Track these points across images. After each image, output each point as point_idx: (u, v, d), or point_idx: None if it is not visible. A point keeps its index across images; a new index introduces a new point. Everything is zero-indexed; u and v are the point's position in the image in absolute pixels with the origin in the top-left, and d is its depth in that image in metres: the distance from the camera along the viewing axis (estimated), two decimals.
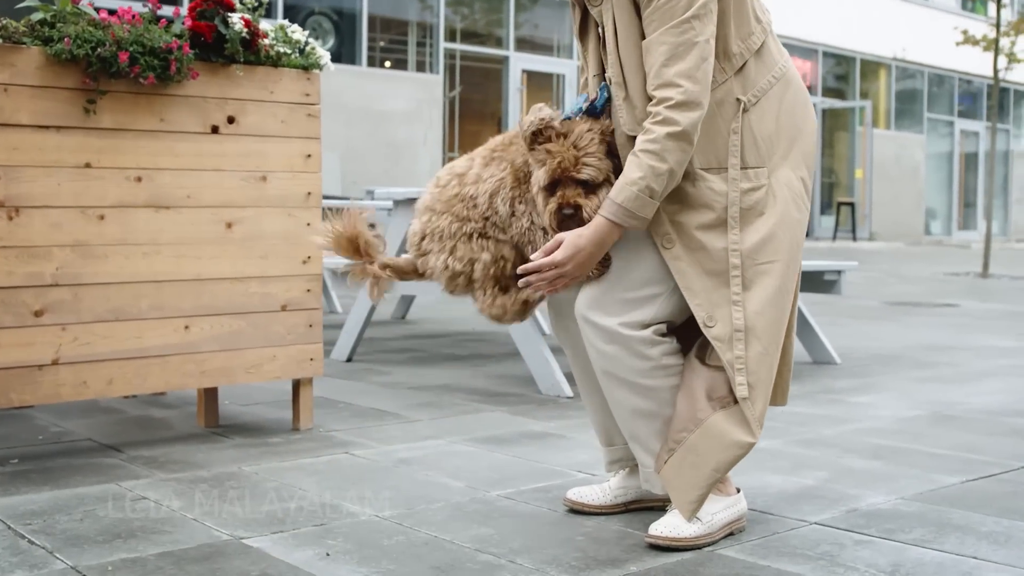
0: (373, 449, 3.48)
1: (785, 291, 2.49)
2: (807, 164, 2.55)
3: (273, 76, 3.60)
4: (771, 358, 2.47)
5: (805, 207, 2.53)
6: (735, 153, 2.45)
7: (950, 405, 4.43)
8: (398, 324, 7.56)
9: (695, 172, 2.46)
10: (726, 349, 2.44)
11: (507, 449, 3.50)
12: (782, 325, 2.50)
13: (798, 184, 2.52)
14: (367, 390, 4.65)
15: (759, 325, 2.44)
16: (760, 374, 2.45)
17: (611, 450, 2.79)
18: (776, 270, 2.47)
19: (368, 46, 16.10)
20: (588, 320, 2.50)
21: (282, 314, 3.65)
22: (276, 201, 3.62)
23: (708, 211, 2.46)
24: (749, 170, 2.46)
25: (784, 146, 2.50)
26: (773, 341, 2.47)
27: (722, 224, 2.45)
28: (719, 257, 2.45)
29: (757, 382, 2.45)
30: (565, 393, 4.53)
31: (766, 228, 2.45)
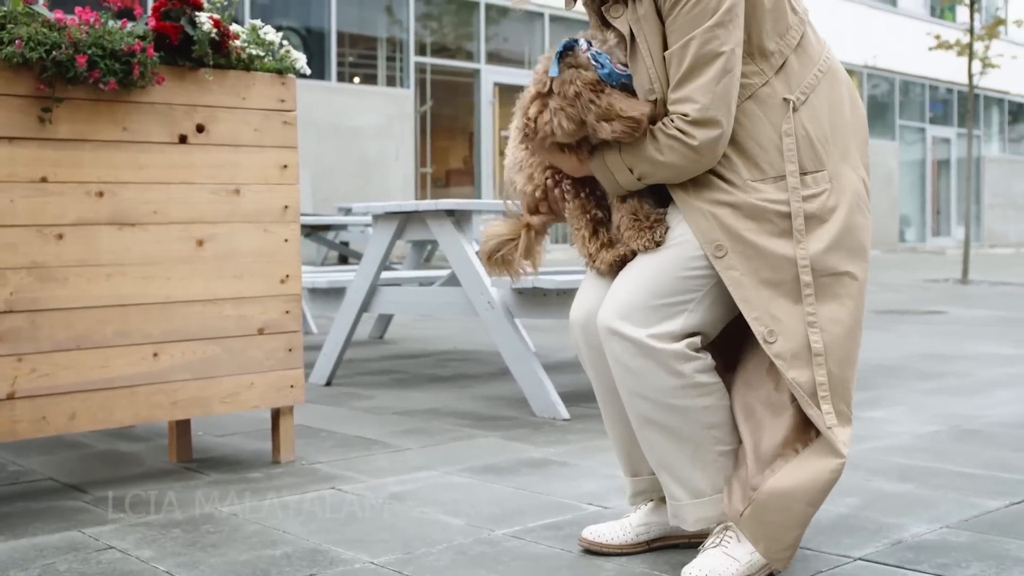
0: (361, 483, 3.20)
1: (859, 304, 2.26)
2: (864, 162, 2.32)
3: (245, 81, 3.32)
4: (851, 376, 2.26)
5: (869, 210, 2.29)
6: (792, 159, 2.20)
7: (968, 419, 4.19)
8: (376, 344, 7.28)
9: (747, 185, 2.21)
10: (788, 367, 2.19)
11: (507, 480, 3.23)
12: (858, 340, 2.27)
13: (860, 185, 2.30)
14: (350, 416, 4.37)
15: (837, 345, 2.22)
16: (845, 397, 2.23)
17: (636, 481, 2.52)
18: (845, 282, 2.24)
19: (337, 61, 15.83)
20: (614, 332, 2.24)
21: (259, 338, 3.36)
22: (251, 216, 3.34)
23: (765, 221, 2.21)
24: (808, 176, 2.22)
25: (840, 144, 2.27)
26: (851, 359, 2.24)
27: (781, 233, 2.21)
28: (779, 266, 2.20)
29: (841, 406, 2.22)
30: (562, 415, 4.27)
31: (829, 236, 2.22)
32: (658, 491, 2.50)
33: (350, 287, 5.25)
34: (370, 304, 5.23)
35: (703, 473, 2.29)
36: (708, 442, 2.27)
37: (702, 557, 2.25)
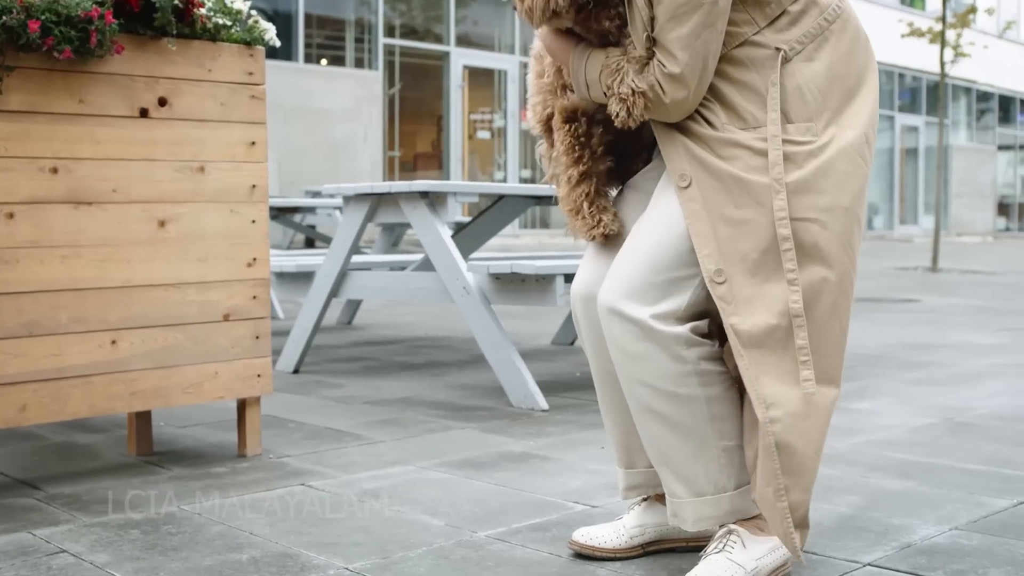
0: (333, 479, 3.02)
1: (842, 262, 2.07)
2: (869, 118, 2.12)
3: (211, 52, 3.13)
4: (837, 339, 2.09)
5: (862, 162, 2.09)
6: (774, 107, 2.03)
7: (959, 411, 4.06)
8: (344, 330, 7.09)
9: (724, 128, 2.06)
10: (731, 313, 2.02)
11: (486, 475, 3.06)
12: (847, 300, 2.10)
13: (857, 138, 2.09)
14: (319, 406, 4.18)
15: (817, 305, 2.05)
16: (830, 356, 2.08)
17: (630, 474, 2.35)
18: (821, 234, 2.04)
19: (305, 42, 15.56)
20: (616, 312, 2.07)
21: (225, 325, 3.17)
22: (216, 195, 3.15)
23: (736, 158, 2.05)
24: (791, 125, 2.04)
25: (838, 98, 2.09)
26: (833, 323, 2.07)
27: (751, 170, 2.03)
28: (744, 203, 2.02)
29: (824, 365, 2.07)
30: (540, 406, 4.10)
31: (804, 180, 2.03)
32: (654, 486, 2.34)
33: (319, 271, 5.06)
34: (340, 289, 5.05)
35: (705, 470, 2.12)
36: (712, 436, 2.10)
37: (704, 564, 2.09)
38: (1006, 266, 16.93)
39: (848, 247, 2.06)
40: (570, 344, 6.21)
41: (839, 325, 2.07)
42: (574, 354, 5.80)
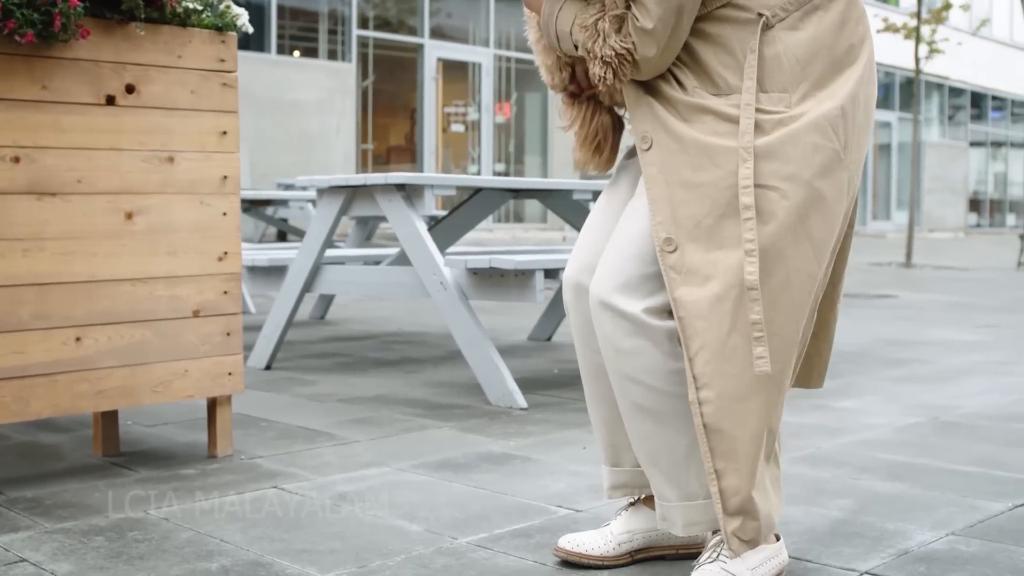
0: (307, 481, 2.91)
1: (804, 236, 1.95)
2: (851, 92, 1.99)
3: (181, 37, 3.01)
4: (787, 318, 1.96)
5: (834, 136, 1.95)
6: (751, 75, 1.93)
7: (945, 409, 3.99)
8: (317, 325, 6.97)
9: (694, 91, 1.97)
10: (678, 284, 1.92)
11: (466, 477, 2.96)
12: (800, 277, 1.97)
13: (831, 111, 1.96)
14: (292, 404, 4.07)
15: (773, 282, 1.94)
16: (780, 336, 1.97)
17: (616, 472, 2.26)
18: (780, 204, 1.92)
19: (278, 34, 15.39)
20: (607, 306, 1.98)
21: (194, 321, 3.06)
22: (186, 186, 3.03)
23: (700, 122, 1.95)
24: (764, 95, 1.94)
25: (821, 70, 1.97)
26: (787, 293, 1.95)
27: (715, 134, 1.94)
28: (702, 166, 1.93)
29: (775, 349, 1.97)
30: (519, 404, 4.00)
31: (768, 145, 1.93)
32: (640, 487, 2.25)
33: (292, 266, 4.94)
34: (313, 284, 4.93)
35: (697, 472, 2.03)
36: None
37: (698, 573, 2.00)
38: (979, 262, 16.97)
39: (805, 220, 1.93)
40: (547, 340, 6.12)
41: (790, 302, 1.95)
42: (552, 350, 5.71)
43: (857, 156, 2.02)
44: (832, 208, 1.97)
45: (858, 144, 2.02)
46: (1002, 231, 31.66)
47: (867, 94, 2.04)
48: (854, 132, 1.99)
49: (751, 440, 1.95)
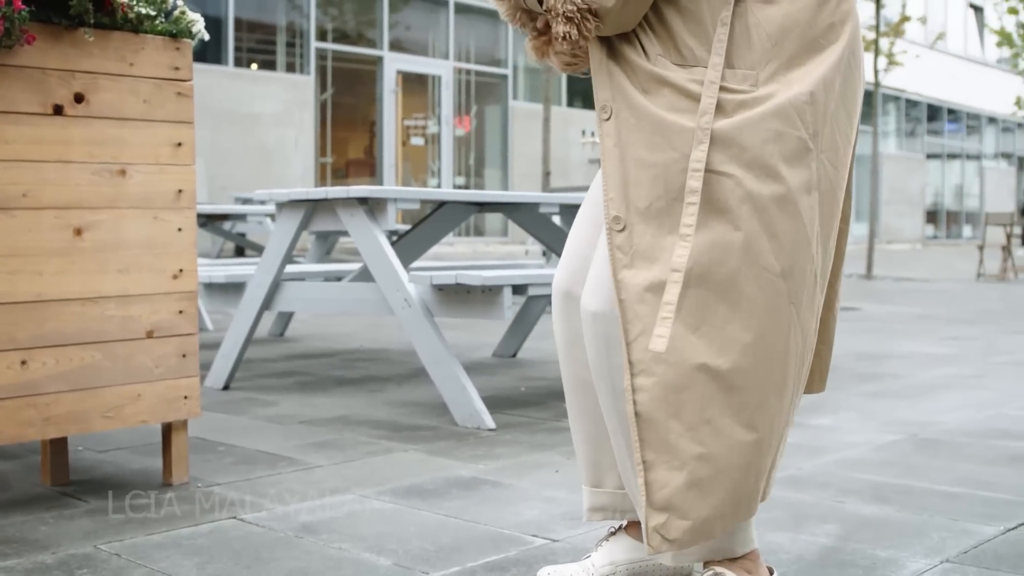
0: (267, 511, 2.77)
1: (752, 228, 1.81)
2: (824, 77, 1.85)
3: (133, 44, 2.86)
4: (736, 313, 1.82)
5: (800, 124, 1.82)
6: (719, 51, 1.80)
7: (923, 426, 3.90)
8: (276, 342, 6.81)
9: (657, 59, 1.84)
10: (624, 265, 1.82)
11: (435, 505, 2.82)
12: (754, 271, 1.83)
13: (799, 96, 1.82)
14: (251, 427, 3.92)
15: (707, 272, 1.81)
16: (728, 331, 1.82)
17: (596, 493, 2.13)
18: (734, 192, 1.80)
19: (235, 45, 15.20)
20: (602, 317, 1.87)
21: (148, 342, 2.91)
22: (138, 201, 2.88)
23: (660, 95, 1.83)
24: (729, 71, 1.82)
25: (793, 49, 1.84)
26: (736, 287, 1.81)
27: (674, 110, 1.81)
28: (658, 146, 1.81)
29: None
30: (487, 424, 3.87)
31: (728, 130, 1.80)
32: (622, 511, 2.12)
33: (251, 282, 4.79)
34: (273, 301, 4.78)
35: None
36: None
37: None
38: (937, 273, 17.05)
39: (762, 212, 1.80)
40: (512, 356, 6.00)
41: (742, 297, 1.81)
42: (518, 367, 5.58)
43: (831, 144, 1.88)
44: (797, 201, 1.82)
45: (832, 133, 1.87)
46: (959, 242, 31.91)
47: (847, 79, 1.90)
48: (827, 120, 1.86)
49: (686, 432, 1.81)
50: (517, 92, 19.48)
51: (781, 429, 1.91)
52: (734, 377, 1.82)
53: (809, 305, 1.89)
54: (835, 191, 1.91)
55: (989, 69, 33.33)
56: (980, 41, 33.22)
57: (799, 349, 1.89)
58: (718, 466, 1.82)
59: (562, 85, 19.94)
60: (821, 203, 1.87)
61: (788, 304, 1.84)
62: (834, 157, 1.89)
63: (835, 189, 1.90)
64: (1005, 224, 16.25)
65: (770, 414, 1.86)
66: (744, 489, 1.85)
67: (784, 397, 1.88)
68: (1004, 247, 16.35)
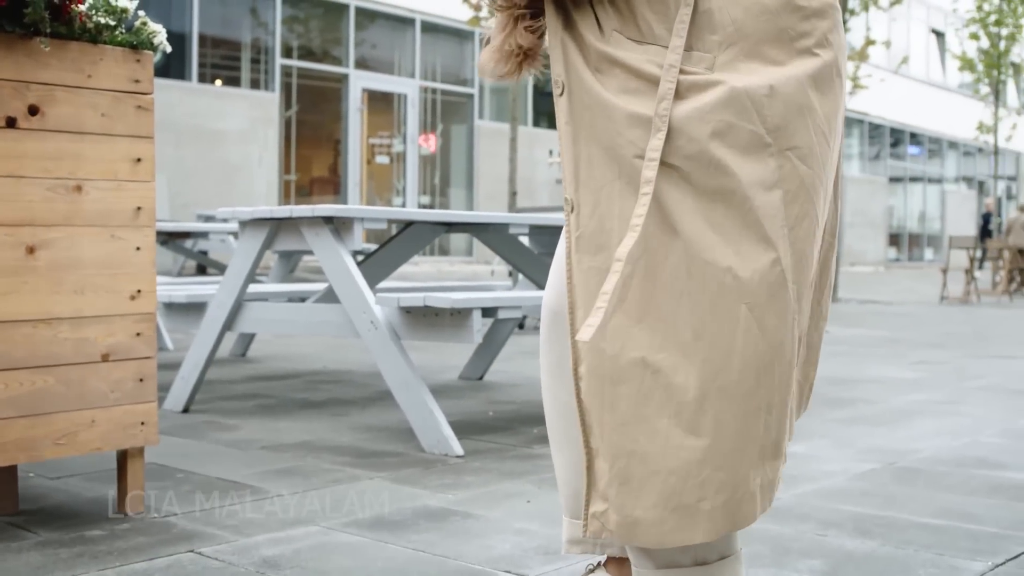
0: (227, 543, 2.64)
1: (696, 226, 1.70)
2: (792, 76, 1.72)
3: (91, 55, 2.75)
4: (677, 316, 1.71)
5: (756, 118, 1.69)
6: (680, 32, 1.69)
7: (900, 455, 3.83)
8: (238, 363, 6.67)
9: (611, 35, 1.74)
10: (580, 251, 1.73)
11: (402, 537, 2.71)
12: (717, 272, 1.70)
13: (756, 87, 1.69)
14: (211, 452, 3.79)
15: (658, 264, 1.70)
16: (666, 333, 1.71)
17: (576, 526, 2.01)
18: (678, 186, 1.69)
19: (199, 62, 15.05)
20: (559, 315, 1.78)
21: (103, 366, 2.79)
22: (95, 218, 2.76)
23: (612, 75, 1.73)
24: (684, 52, 1.71)
25: (759, 36, 1.72)
26: (676, 289, 1.70)
27: (625, 91, 1.71)
28: (607, 130, 1.71)
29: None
30: (455, 451, 3.76)
31: (677, 118, 1.69)
32: (601, 545, 2.02)
33: (212, 302, 4.66)
34: (235, 322, 4.65)
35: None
36: None
37: None
38: (901, 296, 17.10)
39: (708, 206, 1.68)
40: (479, 379, 5.89)
41: (685, 291, 1.69)
42: (485, 390, 5.48)
43: (804, 142, 1.72)
44: (749, 197, 1.69)
45: (806, 131, 1.72)
46: (920, 265, 32.12)
47: (825, 80, 1.77)
48: (796, 116, 1.71)
49: (622, 427, 1.71)
50: (483, 111, 19.43)
51: (751, 444, 1.73)
52: (674, 375, 1.69)
53: (776, 310, 1.72)
54: (809, 192, 1.74)
55: (951, 94, 33.65)
56: (942, 66, 33.54)
57: (760, 354, 1.72)
58: (650, 467, 1.70)
59: (528, 105, 19.91)
60: (788, 202, 1.72)
61: (737, 303, 1.69)
62: (807, 156, 1.73)
63: (808, 189, 1.74)
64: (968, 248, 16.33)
65: (722, 421, 1.70)
66: (687, 499, 1.70)
67: (748, 406, 1.71)
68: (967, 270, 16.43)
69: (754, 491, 1.75)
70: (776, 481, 1.80)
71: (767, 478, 1.76)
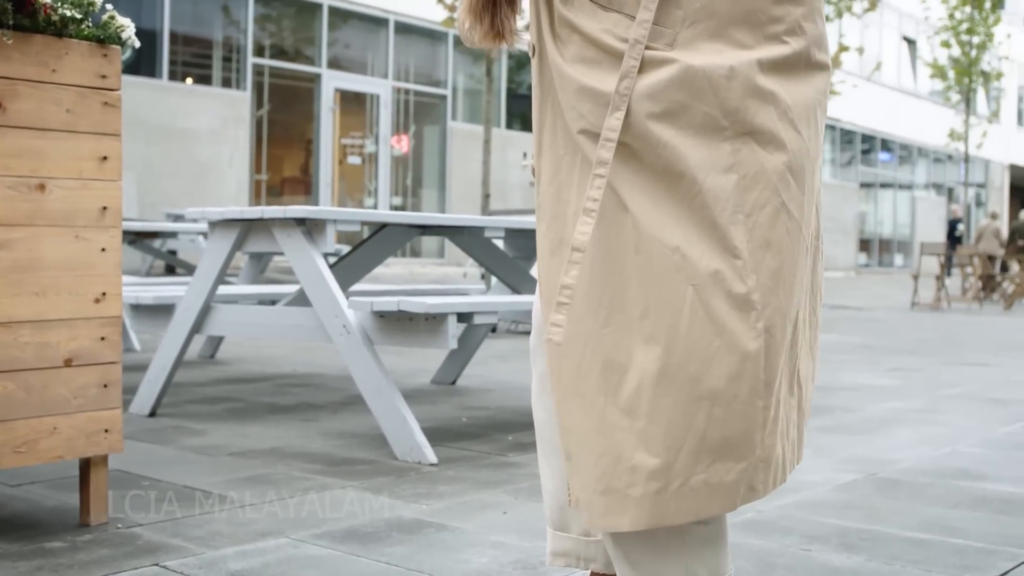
0: (194, 556, 2.55)
1: (645, 209, 1.62)
2: (764, 60, 1.64)
3: (56, 49, 2.65)
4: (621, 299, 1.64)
5: (714, 100, 1.60)
6: (649, 6, 1.60)
7: (881, 464, 3.78)
8: (207, 365, 6.55)
9: (577, 2, 1.66)
10: (544, 221, 1.70)
11: (375, 550, 2.62)
12: (669, 253, 1.61)
13: (715, 67, 1.61)
14: (178, 459, 3.69)
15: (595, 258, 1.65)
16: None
17: (560, 537, 1.95)
18: (626, 164, 1.63)
19: (170, 59, 14.89)
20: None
21: (66, 371, 2.69)
22: (58, 218, 2.66)
23: (569, 42, 1.67)
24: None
25: (724, 16, 1.63)
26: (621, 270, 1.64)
27: (579, 60, 1.65)
28: (566, 100, 1.65)
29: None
30: (428, 459, 3.68)
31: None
32: (586, 559, 1.95)
33: (180, 304, 4.56)
34: (203, 324, 4.55)
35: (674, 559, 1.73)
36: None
37: None
38: (872, 301, 17.12)
39: (653, 185, 1.61)
40: (452, 384, 5.80)
41: (633, 269, 1.61)
42: (458, 395, 5.39)
43: (762, 129, 1.62)
44: (698, 180, 1.60)
45: (771, 120, 1.62)
46: (890, 271, 32.27)
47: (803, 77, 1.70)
48: (760, 103, 1.62)
49: (561, 403, 1.68)
50: (456, 113, 19.34)
51: (691, 435, 1.61)
52: (615, 352, 1.63)
53: (727, 297, 1.61)
54: (772, 179, 1.63)
55: (922, 101, 33.82)
56: (913, 73, 33.71)
57: (706, 340, 1.60)
58: (585, 445, 1.65)
59: (502, 107, 19.84)
60: (744, 188, 1.62)
61: (684, 284, 1.60)
62: (768, 142, 1.63)
63: (772, 176, 1.63)
64: (939, 254, 16.38)
65: (660, 406, 1.60)
66: (616, 483, 1.62)
67: (689, 393, 1.60)
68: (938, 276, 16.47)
69: (695, 488, 1.62)
70: (736, 485, 1.64)
71: (718, 479, 1.62)
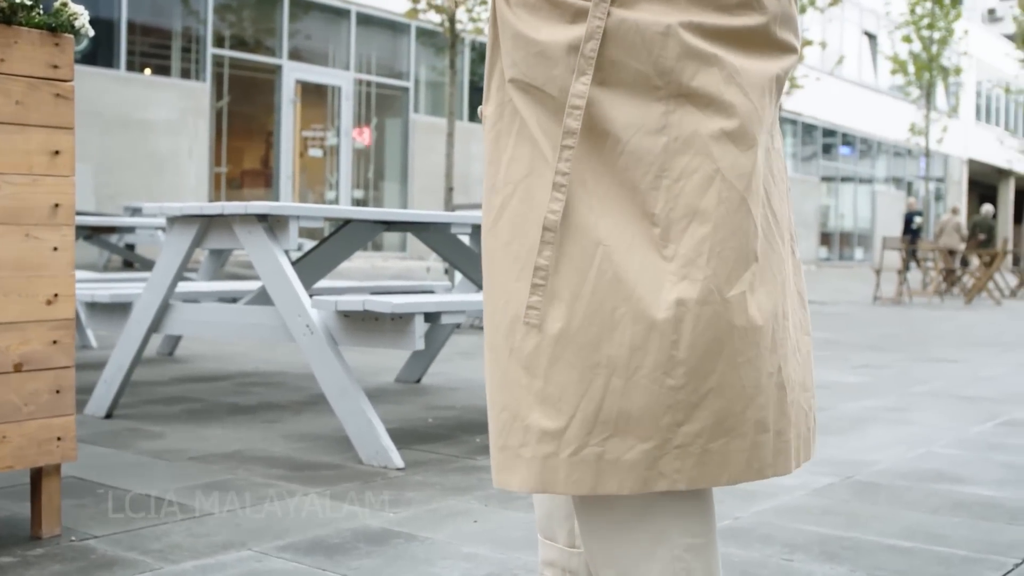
0: (151, 571, 2.43)
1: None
2: (701, 25, 1.51)
3: (4, 37, 2.52)
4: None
5: (645, 55, 1.49)
6: None
7: (856, 467, 3.71)
8: (165, 363, 6.41)
9: None
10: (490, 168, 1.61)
11: (342, 564, 2.51)
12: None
13: (652, 24, 1.49)
14: (135, 464, 3.56)
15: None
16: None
17: (548, 546, 1.85)
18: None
19: (128, 49, 14.65)
20: None
21: (15, 377, 2.56)
22: (7, 216, 2.53)
23: (522, 6, 1.56)
24: None
25: None
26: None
27: (540, 25, 1.54)
28: (525, 60, 1.55)
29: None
30: (395, 463, 3.57)
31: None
32: (572, 571, 1.85)
33: (138, 302, 4.42)
34: (162, 323, 4.41)
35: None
36: (676, 532, 1.61)
37: None
38: (835, 296, 17.17)
39: (579, 149, 1.52)
40: (416, 382, 5.69)
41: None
42: (423, 395, 5.28)
43: (701, 92, 1.50)
44: (623, 140, 1.51)
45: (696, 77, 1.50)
46: (851, 264, 32.41)
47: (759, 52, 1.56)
48: (687, 60, 1.50)
49: (488, 389, 1.60)
50: (418, 105, 19.19)
51: (587, 402, 1.51)
52: (524, 307, 1.54)
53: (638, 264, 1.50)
54: (709, 145, 1.51)
55: (882, 96, 33.99)
56: (874, 68, 33.86)
57: (609, 304, 1.50)
58: (493, 397, 1.58)
59: (464, 99, 19.71)
60: (675, 152, 1.50)
61: (594, 243, 1.50)
62: (707, 105, 1.51)
63: (709, 142, 1.51)
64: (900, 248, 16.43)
65: (557, 367, 1.51)
66: (511, 440, 1.54)
67: (586, 359, 1.50)
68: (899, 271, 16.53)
69: (587, 459, 1.50)
70: (637, 467, 1.51)
71: (615, 455, 1.50)
